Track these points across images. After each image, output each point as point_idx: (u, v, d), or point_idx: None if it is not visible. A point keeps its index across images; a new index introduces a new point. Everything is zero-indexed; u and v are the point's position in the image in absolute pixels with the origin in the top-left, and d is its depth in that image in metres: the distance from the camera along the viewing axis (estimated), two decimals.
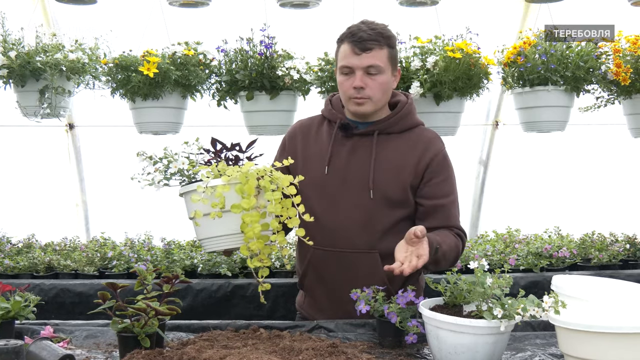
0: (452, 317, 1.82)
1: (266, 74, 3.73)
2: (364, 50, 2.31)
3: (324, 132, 2.52)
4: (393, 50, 2.39)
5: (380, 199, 2.38)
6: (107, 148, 5.30)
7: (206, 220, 2.01)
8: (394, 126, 2.45)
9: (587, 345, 1.67)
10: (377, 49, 2.32)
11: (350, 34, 2.35)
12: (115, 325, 1.95)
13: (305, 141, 2.54)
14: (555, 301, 1.77)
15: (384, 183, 2.38)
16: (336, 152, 2.45)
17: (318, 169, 2.45)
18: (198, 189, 1.96)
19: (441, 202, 2.40)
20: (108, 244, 4.80)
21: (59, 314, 3.89)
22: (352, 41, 2.33)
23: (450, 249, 2.32)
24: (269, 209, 1.91)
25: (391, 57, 2.38)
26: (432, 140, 2.47)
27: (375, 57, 2.33)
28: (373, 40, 2.32)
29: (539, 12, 4.36)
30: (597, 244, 4.67)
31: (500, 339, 1.82)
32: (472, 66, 3.67)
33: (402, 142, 2.44)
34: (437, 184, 2.41)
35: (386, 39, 2.35)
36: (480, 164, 5.42)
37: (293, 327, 2.29)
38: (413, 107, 2.53)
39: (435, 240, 2.24)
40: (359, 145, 2.44)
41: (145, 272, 2.11)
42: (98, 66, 3.90)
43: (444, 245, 2.27)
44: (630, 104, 3.94)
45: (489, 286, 1.84)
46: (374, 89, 2.36)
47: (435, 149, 2.44)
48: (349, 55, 2.34)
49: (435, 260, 2.25)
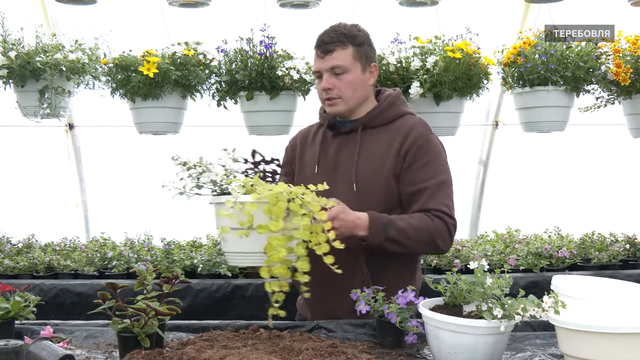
0: (452, 317, 1.82)
1: (266, 74, 3.73)
2: (326, 52, 2.38)
3: (318, 135, 2.56)
4: (361, 47, 2.41)
5: (364, 192, 2.38)
6: (107, 148, 5.30)
7: (232, 235, 1.96)
8: (378, 118, 2.46)
9: (587, 345, 1.67)
10: (339, 49, 2.37)
11: (317, 39, 2.43)
12: (115, 326, 1.95)
13: (303, 147, 2.60)
14: (555, 301, 1.77)
15: (367, 176, 2.39)
16: (324, 151, 2.50)
17: (310, 170, 2.51)
18: (227, 203, 1.90)
19: (422, 187, 2.35)
20: (108, 244, 4.81)
21: (59, 314, 3.89)
22: (316, 46, 2.42)
23: (414, 228, 2.27)
24: (297, 235, 1.84)
25: (358, 54, 2.40)
26: (415, 126, 2.44)
27: (338, 57, 2.37)
28: (334, 41, 2.37)
29: (539, 12, 4.36)
30: (597, 244, 4.68)
31: (500, 339, 1.81)
32: (472, 66, 3.67)
33: (387, 134, 2.44)
34: (419, 168, 2.37)
35: (350, 38, 2.39)
36: (480, 164, 5.42)
37: (293, 327, 2.29)
38: (398, 98, 2.52)
39: (387, 218, 2.25)
40: (345, 142, 2.47)
41: (145, 272, 2.11)
42: (98, 66, 3.90)
43: (400, 222, 2.25)
44: (630, 104, 3.94)
45: (489, 286, 1.84)
46: (342, 88, 2.39)
47: (416, 134, 2.40)
48: (316, 60, 2.42)
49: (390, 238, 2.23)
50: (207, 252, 4.41)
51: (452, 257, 4.39)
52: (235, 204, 1.89)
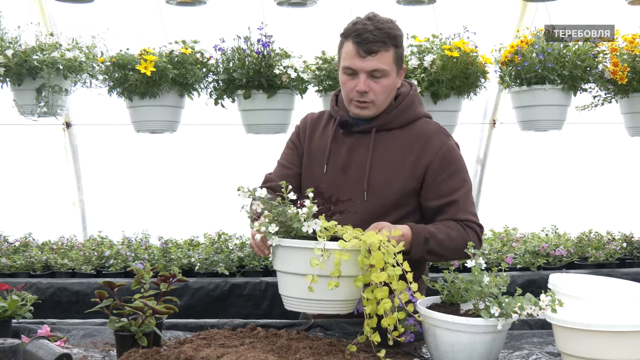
0: (450, 315, 1.82)
1: (263, 73, 3.73)
2: (370, 53, 2.19)
3: (329, 128, 2.43)
4: (399, 49, 2.26)
5: (374, 201, 2.31)
6: (104, 147, 5.30)
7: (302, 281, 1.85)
8: (394, 121, 2.34)
9: (584, 343, 1.67)
10: (382, 51, 2.20)
11: (356, 32, 2.21)
12: (112, 324, 1.94)
13: (312, 135, 2.46)
14: (552, 299, 1.77)
15: (379, 185, 2.31)
16: (335, 150, 2.38)
17: (318, 167, 2.40)
18: (315, 251, 1.80)
19: (450, 199, 2.28)
20: (105, 243, 4.80)
21: (56, 312, 3.89)
22: (357, 42, 2.20)
23: (451, 238, 2.23)
24: (395, 286, 1.80)
25: (397, 57, 2.25)
26: (433, 135, 2.34)
27: (381, 60, 2.21)
28: (379, 42, 2.19)
29: (536, 11, 4.37)
30: (594, 243, 4.68)
31: (497, 337, 1.82)
32: (469, 65, 3.68)
33: (402, 139, 2.34)
34: (444, 180, 2.29)
35: (393, 39, 2.22)
36: (478, 162, 5.42)
37: (290, 325, 2.29)
38: (416, 98, 2.41)
39: (426, 230, 2.19)
40: (358, 143, 2.36)
41: (142, 270, 2.10)
42: (95, 65, 3.89)
43: (439, 234, 2.20)
44: (627, 103, 3.95)
45: (486, 285, 1.84)
46: (378, 92, 2.25)
47: (435, 146, 2.31)
48: (353, 57, 2.22)
49: (430, 250, 2.19)
50: (204, 250, 4.41)
51: None
52: (324, 251, 1.80)
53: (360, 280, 1.80)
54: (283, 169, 2.50)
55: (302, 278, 1.84)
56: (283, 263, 1.94)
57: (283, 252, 1.92)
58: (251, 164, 2.59)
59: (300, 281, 1.85)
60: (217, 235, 4.71)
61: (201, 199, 5.18)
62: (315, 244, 1.82)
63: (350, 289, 1.90)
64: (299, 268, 1.87)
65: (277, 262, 1.97)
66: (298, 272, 1.88)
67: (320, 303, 1.91)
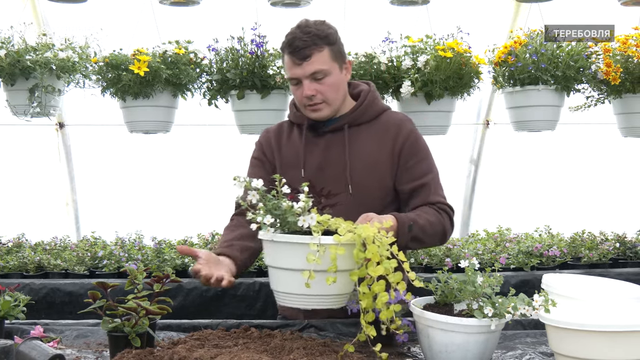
0: (443, 315, 1.82)
1: (257, 73, 3.73)
2: (304, 58, 2.26)
3: (294, 136, 2.47)
4: (335, 46, 2.31)
5: (359, 193, 2.36)
6: (98, 147, 5.29)
7: (298, 277, 1.80)
8: (363, 116, 2.42)
9: (577, 343, 1.67)
10: (316, 53, 2.26)
11: (288, 43, 2.29)
12: (105, 325, 1.94)
13: (279, 146, 2.49)
14: (546, 300, 1.78)
15: (361, 176, 2.36)
16: (309, 153, 2.42)
17: (295, 173, 2.41)
18: (311, 246, 1.76)
19: (420, 182, 2.36)
20: (98, 244, 4.79)
21: (49, 313, 3.88)
22: (290, 52, 2.28)
23: (431, 223, 2.28)
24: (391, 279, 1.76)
25: (334, 54, 2.32)
26: (402, 123, 2.43)
27: (317, 61, 2.27)
28: (310, 45, 2.25)
29: (530, 11, 4.38)
30: (587, 243, 4.70)
31: (490, 337, 1.82)
32: (463, 65, 3.68)
33: (373, 131, 2.41)
34: (413, 166, 2.38)
35: (324, 39, 2.28)
36: (471, 163, 5.43)
37: (284, 326, 2.29)
38: (376, 94, 2.50)
39: (409, 217, 2.22)
40: (332, 142, 2.41)
41: (135, 271, 2.10)
42: (88, 65, 3.88)
43: (420, 220, 2.24)
44: (620, 104, 3.96)
45: (480, 285, 1.84)
46: (325, 92, 2.31)
47: (405, 131, 2.40)
48: (292, 66, 2.29)
49: (414, 237, 2.22)
50: None
51: (443, 256, 4.40)
52: (319, 246, 1.76)
53: (356, 274, 1.78)
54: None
55: (296, 274, 1.81)
56: (276, 259, 1.90)
57: (276, 247, 1.88)
58: (245, 164, 2.57)
59: (295, 277, 1.82)
60: (211, 235, 4.70)
61: (195, 200, 5.17)
62: (311, 238, 1.78)
63: (345, 282, 1.87)
64: (293, 263, 1.84)
65: (269, 258, 1.93)
66: (293, 267, 1.84)
67: (316, 298, 1.88)
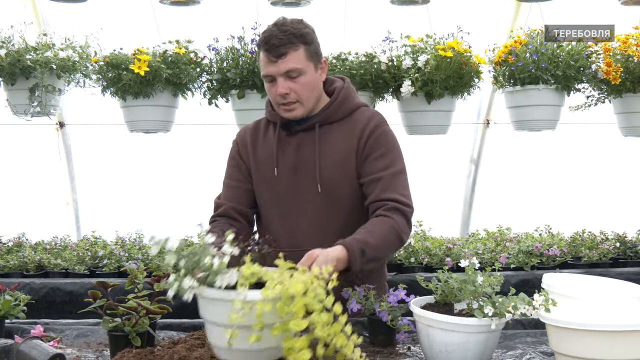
0: (443, 315, 1.82)
1: (257, 73, 3.72)
2: (279, 56, 2.25)
3: (270, 134, 2.47)
4: (311, 45, 2.31)
5: (329, 193, 2.35)
6: (98, 147, 5.29)
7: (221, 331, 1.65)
8: (335, 114, 2.40)
9: (577, 342, 1.67)
10: (291, 51, 2.25)
11: (264, 40, 2.28)
12: (106, 324, 1.94)
13: (254, 145, 2.49)
14: (546, 299, 1.78)
15: (330, 175, 2.35)
16: (282, 152, 2.41)
17: (269, 172, 2.42)
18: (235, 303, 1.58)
19: (377, 176, 2.31)
20: (99, 243, 4.79)
21: (49, 313, 3.87)
22: (265, 49, 2.27)
23: (384, 237, 2.19)
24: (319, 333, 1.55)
25: (310, 53, 2.30)
26: (370, 118, 2.40)
27: (292, 60, 2.26)
28: (286, 43, 2.25)
29: (530, 11, 4.38)
30: (587, 243, 4.70)
31: (491, 337, 1.82)
32: (463, 65, 3.68)
33: (344, 130, 2.39)
34: (375, 159, 2.33)
35: (300, 38, 2.27)
36: (472, 162, 5.43)
37: None
38: (351, 90, 2.47)
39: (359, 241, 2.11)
40: (303, 140, 2.40)
41: (136, 270, 2.10)
42: (89, 64, 3.88)
43: (371, 239, 2.14)
44: (620, 103, 3.96)
45: (480, 284, 1.84)
46: (299, 91, 2.30)
47: (371, 126, 2.37)
48: (267, 64, 2.28)
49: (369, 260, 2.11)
50: None
51: (443, 255, 4.40)
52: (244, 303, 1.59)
53: (279, 328, 1.57)
54: (231, 190, 2.49)
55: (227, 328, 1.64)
56: (205, 312, 1.75)
57: (204, 301, 1.74)
58: None
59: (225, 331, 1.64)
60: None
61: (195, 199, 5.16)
62: (236, 294, 1.61)
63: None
64: (221, 318, 1.68)
65: (200, 310, 1.77)
66: (221, 322, 1.69)
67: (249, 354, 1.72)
